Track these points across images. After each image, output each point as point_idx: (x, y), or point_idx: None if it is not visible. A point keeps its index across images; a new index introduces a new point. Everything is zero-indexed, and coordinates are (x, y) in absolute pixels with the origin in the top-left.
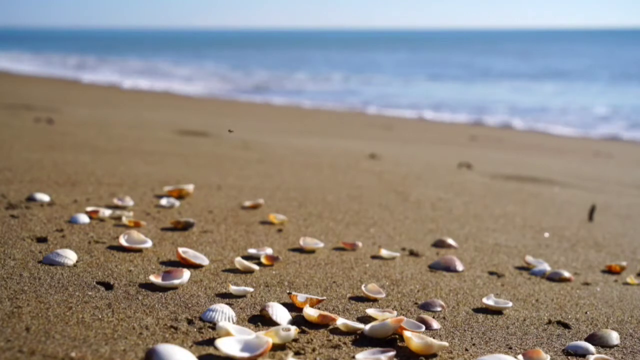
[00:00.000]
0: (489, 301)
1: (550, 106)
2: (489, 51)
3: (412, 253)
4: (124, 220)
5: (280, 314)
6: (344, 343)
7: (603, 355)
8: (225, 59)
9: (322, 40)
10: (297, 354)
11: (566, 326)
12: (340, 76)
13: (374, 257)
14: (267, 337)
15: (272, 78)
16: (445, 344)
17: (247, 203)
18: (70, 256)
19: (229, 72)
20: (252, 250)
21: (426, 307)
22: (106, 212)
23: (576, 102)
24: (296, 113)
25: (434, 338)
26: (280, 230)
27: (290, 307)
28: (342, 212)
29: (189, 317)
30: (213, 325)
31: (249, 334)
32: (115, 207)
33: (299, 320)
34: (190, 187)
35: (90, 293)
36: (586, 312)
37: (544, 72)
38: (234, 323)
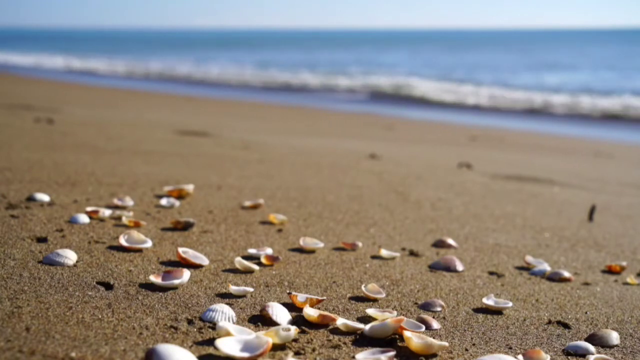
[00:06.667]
0: (489, 301)
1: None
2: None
3: (412, 253)
4: (124, 220)
5: (280, 314)
6: (344, 343)
7: (603, 355)
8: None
9: (333, 40)
10: (297, 354)
11: (566, 326)
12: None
13: (374, 257)
14: (267, 337)
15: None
16: (445, 344)
17: (247, 203)
18: (70, 256)
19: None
20: (252, 250)
21: (426, 307)
22: (106, 212)
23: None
24: (296, 113)
25: (434, 338)
26: (280, 230)
27: (290, 307)
28: (342, 212)
29: (189, 317)
30: (213, 325)
31: (249, 334)
32: (115, 207)
33: (299, 320)
34: (190, 187)
35: (90, 293)
36: (586, 312)
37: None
38: (234, 323)
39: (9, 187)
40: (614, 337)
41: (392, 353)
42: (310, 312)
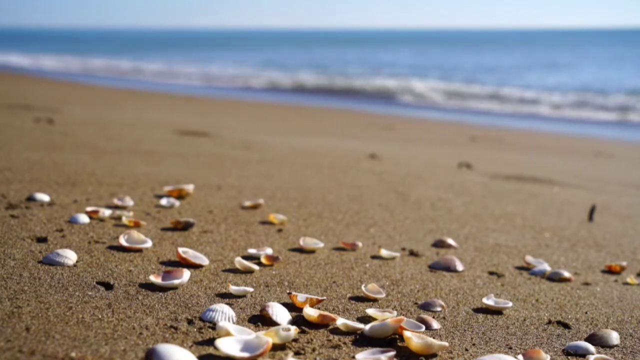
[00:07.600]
0: (489, 301)
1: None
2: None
3: (412, 253)
4: (124, 220)
5: (280, 314)
6: (344, 343)
7: (603, 355)
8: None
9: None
10: (297, 354)
11: (566, 326)
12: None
13: (374, 257)
14: (267, 337)
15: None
16: (445, 344)
17: (247, 203)
18: (70, 256)
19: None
20: (252, 250)
21: (426, 307)
22: (106, 212)
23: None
24: (296, 113)
25: (434, 338)
26: (280, 230)
27: (290, 307)
28: (342, 212)
29: (189, 317)
30: (213, 325)
31: (249, 334)
32: (115, 207)
33: (299, 320)
34: (190, 187)
35: (90, 293)
36: (586, 312)
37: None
38: (234, 323)
39: (9, 187)
40: (614, 337)
41: (392, 353)
42: (310, 312)
